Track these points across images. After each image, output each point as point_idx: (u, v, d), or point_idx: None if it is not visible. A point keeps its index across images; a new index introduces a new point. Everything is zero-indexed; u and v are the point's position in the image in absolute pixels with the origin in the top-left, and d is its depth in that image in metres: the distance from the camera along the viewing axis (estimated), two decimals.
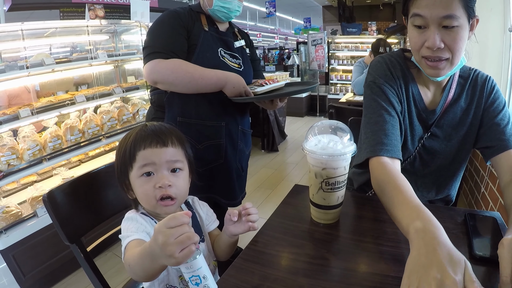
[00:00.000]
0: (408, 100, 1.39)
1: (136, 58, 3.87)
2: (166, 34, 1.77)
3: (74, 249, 1.29)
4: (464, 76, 1.40)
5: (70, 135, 3.00)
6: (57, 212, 1.24)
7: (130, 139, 1.12)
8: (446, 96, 1.38)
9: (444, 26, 1.12)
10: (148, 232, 1.06)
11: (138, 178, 1.10)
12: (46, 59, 2.83)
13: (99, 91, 3.39)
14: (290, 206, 1.32)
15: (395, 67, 1.39)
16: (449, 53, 1.17)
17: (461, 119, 1.39)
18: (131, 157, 1.09)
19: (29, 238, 2.51)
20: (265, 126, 5.67)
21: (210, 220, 1.32)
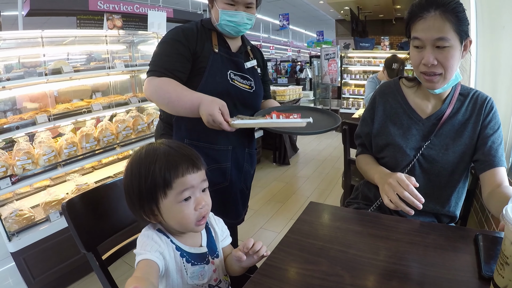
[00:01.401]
0: (397, 115, 1.62)
1: None
2: (165, 53, 1.71)
3: (90, 258, 1.30)
4: (464, 94, 1.55)
5: (86, 143, 3.05)
6: (75, 220, 1.25)
7: (157, 164, 1.06)
8: (445, 109, 1.53)
9: (437, 47, 1.34)
10: (161, 252, 1.08)
11: (177, 204, 1.08)
12: (64, 67, 2.89)
13: (115, 100, 3.44)
14: (305, 224, 1.35)
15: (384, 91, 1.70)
16: (442, 69, 1.38)
17: (458, 131, 1.51)
18: (165, 185, 1.05)
19: (41, 242, 2.54)
20: (277, 139, 5.65)
21: (223, 235, 1.33)
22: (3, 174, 2.51)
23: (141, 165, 1.07)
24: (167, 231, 1.16)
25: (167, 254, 1.10)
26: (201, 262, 1.17)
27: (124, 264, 2.89)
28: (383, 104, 1.67)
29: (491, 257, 1.03)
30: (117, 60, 3.51)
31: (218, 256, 1.25)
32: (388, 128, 1.61)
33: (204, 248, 1.20)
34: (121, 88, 4.01)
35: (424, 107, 1.58)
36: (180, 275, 1.13)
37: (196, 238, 1.22)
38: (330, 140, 7.41)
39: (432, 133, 1.53)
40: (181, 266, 1.13)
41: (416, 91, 1.61)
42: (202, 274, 1.16)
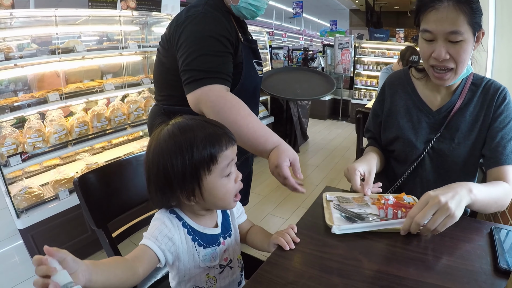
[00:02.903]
0: (406, 107, 1.56)
1: None
2: (216, 52, 1.47)
3: (100, 234, 1.30)
4: (477, 83, 1.47)
5: (97, 122, 3.05)
6: (87, 197, 1.25)
7: (198, 139, 1.01)
8: (455, 100, 1.47)
9: (450, 40, 1.25)
10: (170, 237, 1.06)
11: (221, 179, 1.06)
12: (77, 46, 2.88)
13: (127, 80, 3.44)
14: (322, 207, 1.32)
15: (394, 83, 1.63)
16: (454, 64, 1.30)
17: (470, 124, 1.45)
18: (211, 160, 1.02)
19: (49, 220, 2.56)
20: (287, 126, 5.66)
21: (239, 213, 1.33)
22: (13, 152, 2.52)
23: (180, 142, 1.01)
24: (182, 209, 1.14)
25: (177, 239, 1.08)
26: (213, 244, 1.15)
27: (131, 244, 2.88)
28: (391, 95, 1.62)
29: (506, 250, 1.03)
30: (130, 41, 3.50)
31: (230, 235, 1.24)
32: (398, 121, 1.57)
33: (217, 229, 1.19)
34: (133, 70, 4.00)
35: (433, 99, 1.52)
36: (192, 258, 1.12)
37: (213, 218, 1.21)
38: (341, 130, 7.39)
39: (442, 126, 1.48)
40: (193, 250, 1.12)
41: (426, 82, 1.55)
42: (214, 256, 1.15)
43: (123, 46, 3.34)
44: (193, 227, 1.13)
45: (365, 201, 1.30)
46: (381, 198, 1.27)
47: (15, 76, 2.99)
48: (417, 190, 1.53)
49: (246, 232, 1.35)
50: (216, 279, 1.16)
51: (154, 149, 1.04)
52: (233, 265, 1.21)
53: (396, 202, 1.22)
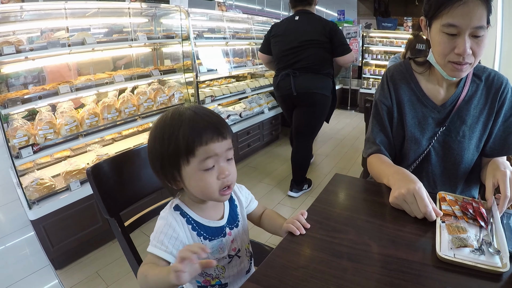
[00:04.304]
0: (411, 103, 1.52)
1: (174, 42, 3.90)
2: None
3: (112, 223, 1.32)
4: (478, 74, 1.47)
5: (107, 114, 3.07)
6: (100, 185, 1.26)
7: (181, 130, 1.02)
8: (459, 93, 1.46)
9: (473, 35, 1.23)
10: (176, 237, 1.07)
11: (198, 172, 1.04)
12: (87, 38, 2.89)
13: (137, 72, 3.45)
14: (332, 194, 1.37)
15: (396, 78, 1.56)
16: (473, 58, 1.28)
17: (475, 117, 1.46)
18: (188, 152, 1.01)
19: (61, 211, 2.58)
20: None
21: (248, 201, 1.35)
22: (25, 143, 2.54)
23: (165, 130, 1.04)
24: (187, 203, 1.15)
25: (183, 236, 1.09)
26: (218, 236, 1.16)
27: (142, 234, 2.92)
28: (395, 91, 1.56)
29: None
30: (139, 33, 3.50)
31: (238, 226, 1.24)
32: (405, 118, 1.54)
33: (222, 221, 1.19)
34: (143, 62, 4.02)
35: (437, 93, 1.50)
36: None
37: (219, 210, 1.22)
38: (349, 119, 7.35)
39: (447, 119, 1.47)
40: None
41: (429, 76, 1.52)
42: (221, 247, 1.16)
43: (133, 38, 3.35)
44: (197, 221, 1.13)
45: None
46: (448, 212, 1.19)
47: (26, 69, 3.02)
48: (424, 184, 1.46)
49: (260, 216, 1.37)
50: (224, 268, 1.18)
51: (150, 132, 1.10)
52: (241, 255, 1.23)
53: (462, 206, 1.20)
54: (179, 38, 3.85)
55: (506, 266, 0.91)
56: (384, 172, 1.41)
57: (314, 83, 3.41)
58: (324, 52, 3.36)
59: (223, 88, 4.68)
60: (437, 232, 1.06)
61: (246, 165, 4.79)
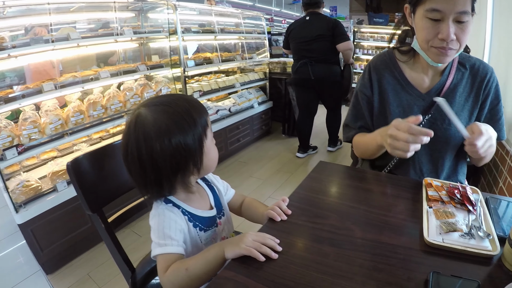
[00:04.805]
0: (395, 92, 1.54)
1: (161, 37, 3.84)
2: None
3: (95, 219, 1.28)
4: (463, 63, 1.49)
5: (93, 111, 2.98)
6: (80, 180, 1.21)
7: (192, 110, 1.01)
8: (444, 81, 1.47)
9: (457, 21, 1.23)
10: (180, 229, 1.04)
11: (211, 142, 1.09)
12: (72, 34, 2.80)
13: (123, 68, 3.36)
14: (315, 181, 1.37)
15: (379, 67, 1.58)
16: (458, 45, 1.29)
17: (460, 105, 1.47)
18: (206, 124, 1.06)
19: (48, 213, 2.50)
20: (286, 111, 5.70)
21: (226, 189, 1.34)
22: (9, 144, 2.45)
23: (178, 117, 0.99)
24: (176, 196, 1.11)
25: (185, 228, 1.07)
26: (212, 226, 1.15)
27: (132, 233, 2.87)
28: (378, 80, 1.57)
29: (499, 218, 1.11)
30: (126, 27, 3.41)
31: (224, 215, 1.24)
32: (388, 107, 1.55)
33: (213, 211, 1.18)
34: (129, 57, 3.93)
35: (421, 81, 1.51)
36: (195, 245, 1.11)
37: (205, 199, 1.21)
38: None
39: (432, 107, 1.47)
40: (195, 237, 1.11)
41: (413, 64, 1.53)
42: (214, 237, 1.15)
43: (118, 33, 3.25)
44: (191, 212, 1.10)
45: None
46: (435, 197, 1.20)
47: (10, 67, 2.92)
48: (410, 172, 1.56)
49: (240, 205, 1.36)
50: None
51: (149, 135, 0.97)
52: None
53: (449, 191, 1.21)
54: (166, 33, 3.78)
55: (496, 249, 0.93)
56: (370, 139, 1.49)
57: (325, 71, 4.34)
58: (329, 43, 4.24)
59: (211, 83, 4.64)
60: (424, 217, 1.07)
61: (236, 160, 4.80)
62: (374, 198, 1.25)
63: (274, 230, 1.03)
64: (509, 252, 0.88)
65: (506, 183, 2.38)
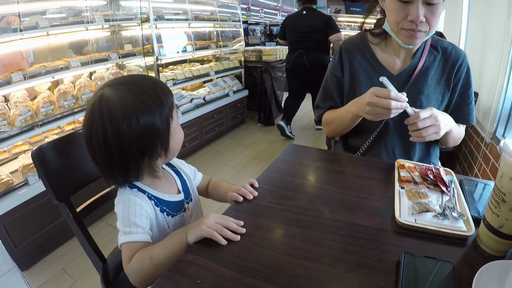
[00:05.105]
0: (366, 73, 1.55)
1: (133, 25, 3.76)
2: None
3: (62, 208, 1.24)
4: (436, 46, 1.51)
5: (64, 101, 2.90)
6: (46, 169, 1.18)
7: (157, 90, 0.97)
8: (416, 63, 1.49)
9: (427, 3, 1.24)
10: (146, 216, 1.01)
11: (177, 123, 1.07)
12: (41, 22, 2.70)
13: (94, 57, 3.27)
14: (285, 163, 1.36)
15: (351, 49, 1.59)
16: (427, 27, 1.30)
17: (432, 88, 1.49)
18: (173, 105, 1.02)
19: (20, 207, 2.43)
20: (262, 100, 5.70)
21: (193, 174, 1.32)
22: None
23: (148, 97, 0.95)
24: (141, 181, 1.07)
25: (151, 213, 1.03)
26: (180, 211, 1.13)
27: (107, 226, 2.82)
28: (350, 62, 1.58)
29: (474, 199, 1.12)
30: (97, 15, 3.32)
31: (192, 200, 1.22)
32: (359, 88, 1.55)
33: (181, 195, 1.16)
34: (102, 47, 3.84)
35: (393, 63, 1.52)
36: (163, 231, 1.08)
37: (172, 184, 1.18)
38: None
39: (404, 89, 1.48)
40: (163, 222, 1.08)
41: (385, 46, 1.54)
42: (182, 223, 1.13)
43: (89, 21, 3.16)
44: (158, 197, 1.07)
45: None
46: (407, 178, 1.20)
47: None
48: (383, 155, 1.57)
49: (206, 187, 1.34)
50: None
51: (115, 116, 0.92)
52: None
53: (421, 173, 1.21)
54: (139, 20, 3.71)
55: (471, 230, 0.92)
56: (344, 111, 1.52)
57: (318, 59, 4.78)
58: (323, 36, 4.75)
59: (185, 71, 4.58)
60: (396, 198, 1.06)
61: (212, 149, 4.80)
62: (345, 179, 1.25)
63: (239, 212, 1.01)
64: (484, 233, 0.88)
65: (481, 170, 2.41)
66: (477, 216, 0.99)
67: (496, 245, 0.85)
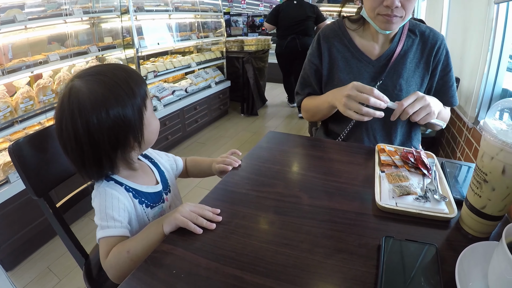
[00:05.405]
0: (345, 60, 1.56)
1: (113, 16, 3.70)
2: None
3: (42, 204, 1.23)
4: (413, 30, 1.53)
5: (43, 96, 2.85)
6: (23, 164, 1.15)
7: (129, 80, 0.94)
8: (394, 47, 1.50)
9: None
10: (124, 208, 0.99)
11: (152, 113, 1.04)
12: (18, 16, 2.65)
13: (73, 50, 3.22)
14: (263, 150, 1.36)
15: (329, 36, 1.59)
16: (403, 12, 1.33)
17: (411, 71, 1.51)
18: (146, 95, 0.99)
19: (3, 206, 2.39)
20: (245, 91, 5.71)
21: (174, 161, 1.33)
22: None
23: (118, 88, 0.92)
24: (120, 175, 1.06)
25: (128, 206, 1.01)
26: (158, 202, 1.12)
27: (91, 222, 2.78)
28: (328, 49, 1.59)
29: (456, 181, 1.13)
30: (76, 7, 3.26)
31: (170, 191, 1.21)
32: (338, 75, 1.56)
33: (159, 186, 1.15)
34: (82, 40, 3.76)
35: (371, 48, 1.54)
36: (142, 223, 1.06)
37: (149, 175, 1.16)
38: None
39: (383, 73, 1.50)
40: (142, 214, 1.07)
41: (363, 32, 1.56)
42: (162, 214, 1.11)
43: (67, 13, 3.11)
44: (136, 188, 1.05)
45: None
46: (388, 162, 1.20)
47: None
48: (364, 140, 1.58)
49: (185, 167, 1.36)
50: None
51: (84, 109, 0.89)
52: None
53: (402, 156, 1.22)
54: (118, 12, 3.65)
55: (453, 212, 0.92)
56: (322, 99, 1.54)
57: (308, 43, 5.07)
58: (312, 24, 5.46)
59: (166, 63, 4.52)
60: (376, 182, 1.06)
61: (195, 141, 4.78)
62: (325, 165, 1.24)
63: (216, 201, 1.00)
64: (466, 214, 0.88)
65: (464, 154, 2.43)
66: (460, 198, 0.99)
67: (479, 227, 0.86)
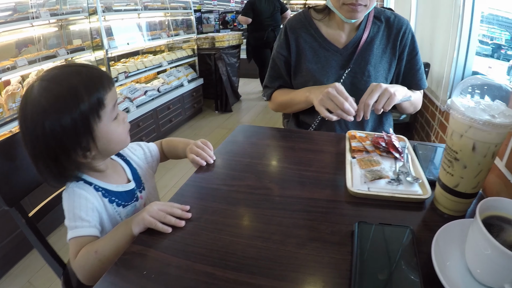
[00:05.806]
0: (313, 50, 1.57)
1: (81, 17, 3.63)
2: None
3: (13, 214, 1.19)
4: (379, 16, 1.54)
5: (12, 103, 2.78)
6: None
7: (81, 86, 0.89)
8: (360, 35, 1.52)
9: None
10: (93, 208, 0.98)
11: (112, 123, 0.98)
12: None
13: (41, 54, 3.15)
14: (233, 144, 1.37)
15: (295, 27, 1.60)
16: (367, 0, 1.36)
17: (378, 57, 1.53)
18: (99, 105, 0.92)
19: None
20: (218, 88, 5.68)
21: (148, 151, 1.31)
22: None
23: (60, 95, 0.87)
24: (88, 174, 1.03)
25: (98, 206, 1.00)
26: (131, 201, 1.10)
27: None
28: (295, 40, 1.59)
29: (428, 162, 1.15)
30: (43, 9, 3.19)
31: (145, 188, 1.19)
32: (306, 65, 1.57)
33: (131, 184, 1.13)
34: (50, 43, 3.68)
35: (338, 37, 1.55)
36: (116, 224, 1.03)
37: (120, 174, 1.14)
38: None
39: (351, 61, 1.52)
40: (113, 213, 1.05)
41: (329, 21, 1.57)
42: (135, 212, 1.06)
43: (34, 16, 3.04)
44: (105, 188, 1.03)
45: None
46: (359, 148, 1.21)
47: None
48: (336, 128, 1.60)
49: (162, 151, 1.35)
50: None
51: (32, 115, 0.87)
52: None
53: (373, 141, 1.23)
54: (86, 13, 3.58)
55: (427, 192, 0.93)
56: (298, 94, 1.54)
57: None
58: (279, 15, 5.87)
59: (137, 63, 4.46)
60: (348, 168, 1.06)
61: None
62: (296, 155, 1.25)
63: (185, 197, 1.00)
64: (440, 194, 0.89)
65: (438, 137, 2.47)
66: (433, 178, 1.00)
67: (453, 205, 0.87)
